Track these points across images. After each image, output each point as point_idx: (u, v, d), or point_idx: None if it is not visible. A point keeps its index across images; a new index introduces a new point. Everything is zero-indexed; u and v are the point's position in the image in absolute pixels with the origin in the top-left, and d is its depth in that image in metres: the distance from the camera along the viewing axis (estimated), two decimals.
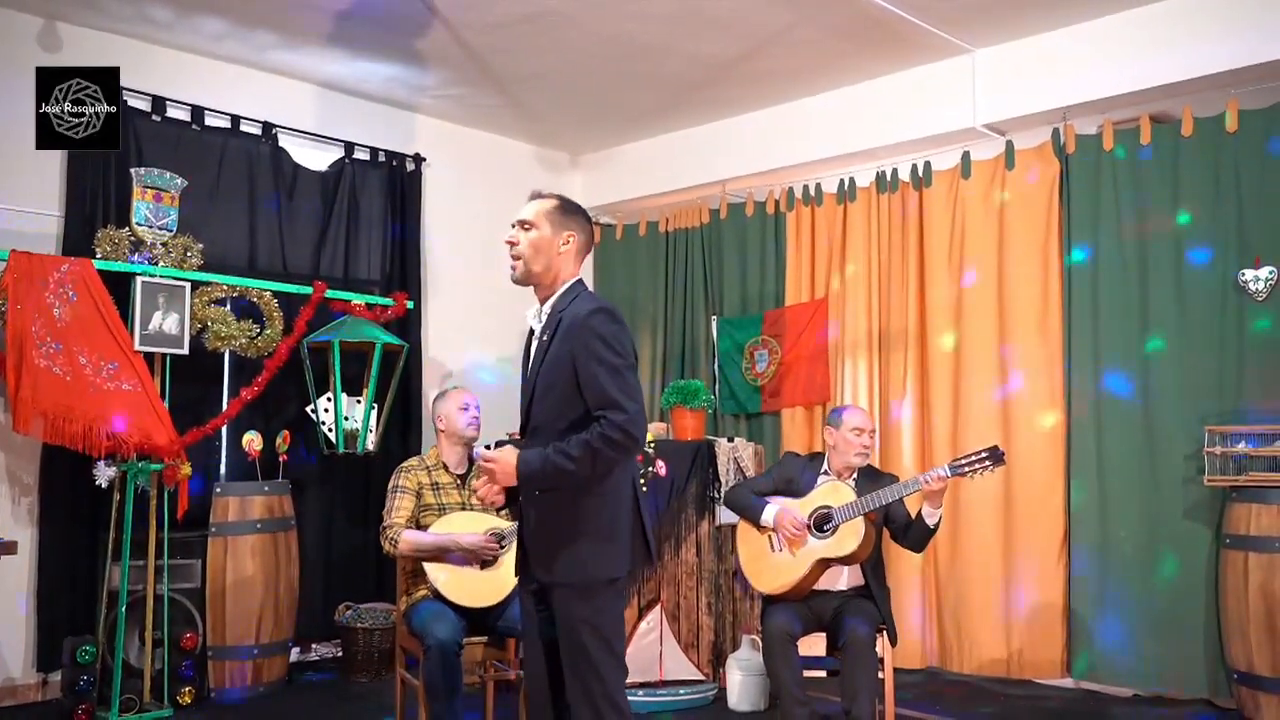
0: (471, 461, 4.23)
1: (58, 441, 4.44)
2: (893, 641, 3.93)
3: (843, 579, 4.03)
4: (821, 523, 3.90)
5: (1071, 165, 5.27)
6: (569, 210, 2.83)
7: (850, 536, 3.85)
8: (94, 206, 5.03)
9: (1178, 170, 4.94)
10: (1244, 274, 4.70)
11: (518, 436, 4.82)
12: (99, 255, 4.71)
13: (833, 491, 3.97)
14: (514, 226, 2.80)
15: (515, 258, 2.79)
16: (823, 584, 3.99)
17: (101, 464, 4.52)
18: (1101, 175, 5.16)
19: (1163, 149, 4.99)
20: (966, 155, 5.63)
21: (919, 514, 3.90)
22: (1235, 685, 4.48)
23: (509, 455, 2.62)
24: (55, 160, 4.98)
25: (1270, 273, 4.64)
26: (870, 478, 4.05)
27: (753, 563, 4.09)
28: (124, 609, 4.56)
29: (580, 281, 2.83)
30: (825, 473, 4.11)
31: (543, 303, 2.81)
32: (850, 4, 4.85)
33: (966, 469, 3.80)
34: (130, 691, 4.52)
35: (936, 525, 3.90)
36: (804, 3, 4.87)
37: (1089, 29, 5.05)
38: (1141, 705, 4.79)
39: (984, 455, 3.78)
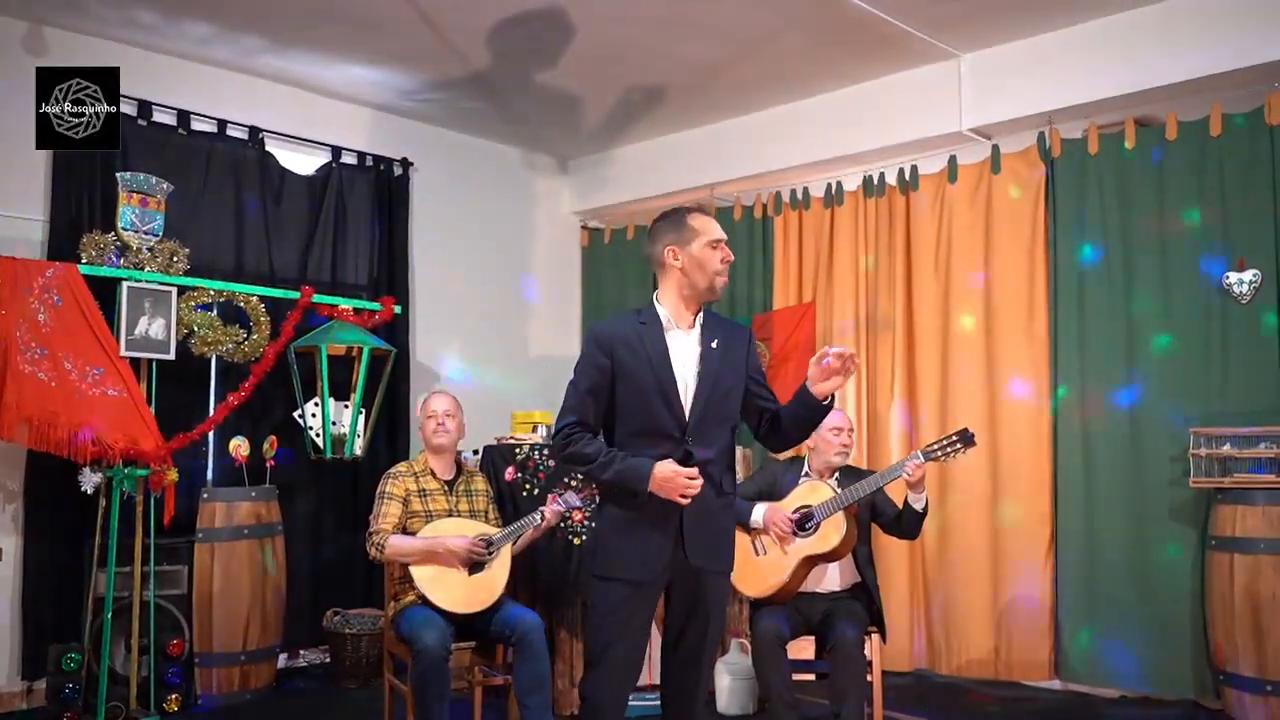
0: (459, 468, 4.22)
1: (42, 448, 4.42)
2: (884, 636, 3.97)
3: (829, 580, 4.05)
4: (803, 521, 3.93)
5: (1057, 169, 5.29)
6: None
7: (833, 532, 3.87)
8: (79, 211, 5.00)
9: (1162, 174, 4.97)
10: (1228, 277, 4.73)
11: (507, 441, 4.83)
12: (84, 260, 4.68)
13: (811, 490, 4.01)
14: (725, 245, 2.97)
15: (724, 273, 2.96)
16: (810, 586, 4.01)
17: (87, 470, 4.50)
18: (1087, 179, 5.19)
19: (1147, 153, 5.02)
20: (953, 159, 5.65)
21: (905, 502, 3.96)
22: (1221, 686, 4.50)
23: None
24: (40, 164, 4.96)
25: (1254, 275, 4.67)
26: (851, 476, 4.08)
27: (738, 568, 4.08)
28: (110, 616, 4.53)
29: None
30: (806, 474, 4.15)
31: (695, 310, 2.96)
32: (837, 9, 4.87)
33: (939, 453, 3.88)
34: (116, 699, 4.49)
35: (925, 509, 3.97)
36: (791, 8, 4.89)
37: (1074, 34, 5.08)
38: (1128, 706, 4.80)
39: (954, 439, 3.88)
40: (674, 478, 2.76)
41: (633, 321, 2.92)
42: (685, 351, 2.88)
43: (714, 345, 2.88)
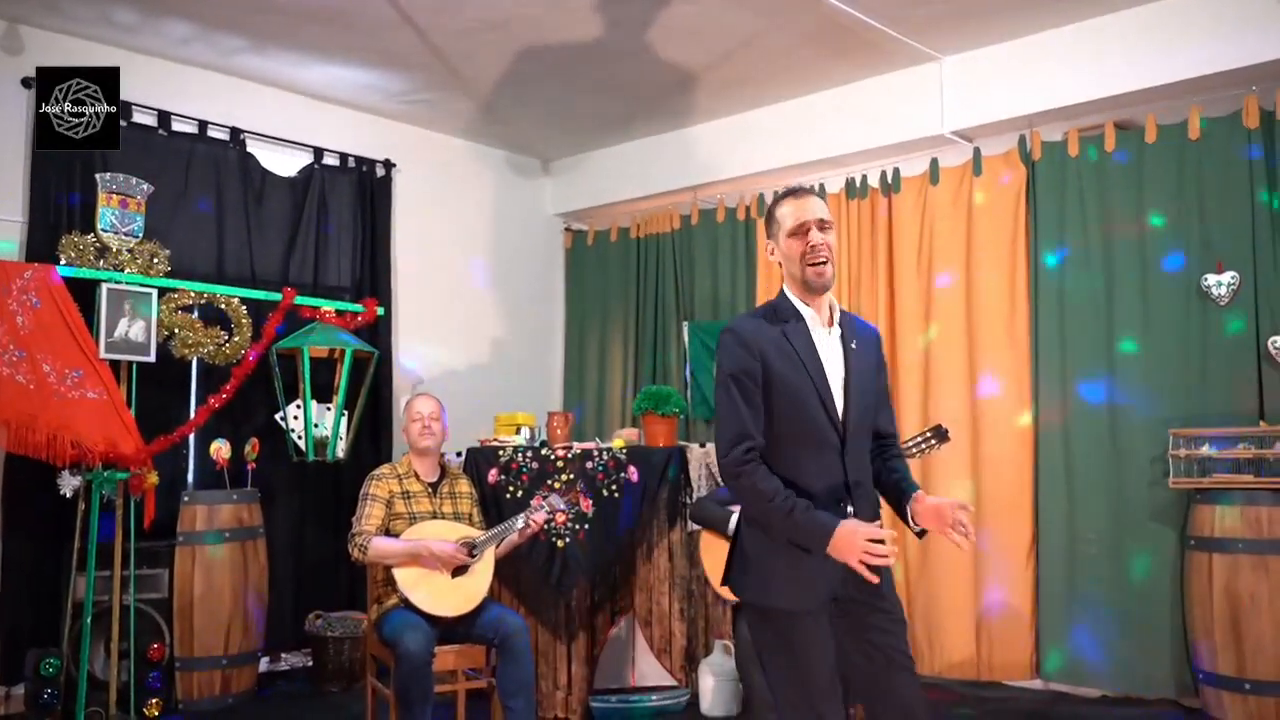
0: (443, 470, 4.21)
1: (21, 451, 4.38)
2: None
3: None
4: None
5: (1038, 172, 5.33)
6: None
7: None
8: (58, 212, 4.96)
9: (1142, 176, 5.01)
10: (1207, 279, 4.77)
11: (490, 443, 4.82)
12: (63, 261, 4.65)
13: None
14: (814, 228, 2.58)
15: (826, 261, 2.58)
16: None
17: (66, 473, 4.47)
18: (1067, 181, 5.22)
19: (1127, 155, 5.06)
20: (935, 162, 5.68)
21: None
22: (1201, 685, 4.53)
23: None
24: (18, 165, 4.92)
25: (1233, 278, 4.71)
26: None
27: (718, 572, 4.11)
28: (89, 620, 4.49)
29: None
30: None
31: (826, 307, 2.64)
32: (819, 11, 4.89)
33: (914, 449, 3.91)
34: (96, 704, 4.46)
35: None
36: (774, 10, 4.90)
37: (1054, 37, 5.11)
38: (1109, 706, 4.83)
39: (929, 435, 3.92)
40: (856, 539, 2.37)
41: (770, 319, 2.60)
42: (831, 351, 2.59)
43: (854, 346, 2.61)
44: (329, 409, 5.46)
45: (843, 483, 2.53)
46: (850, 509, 2.52)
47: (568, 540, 4.53)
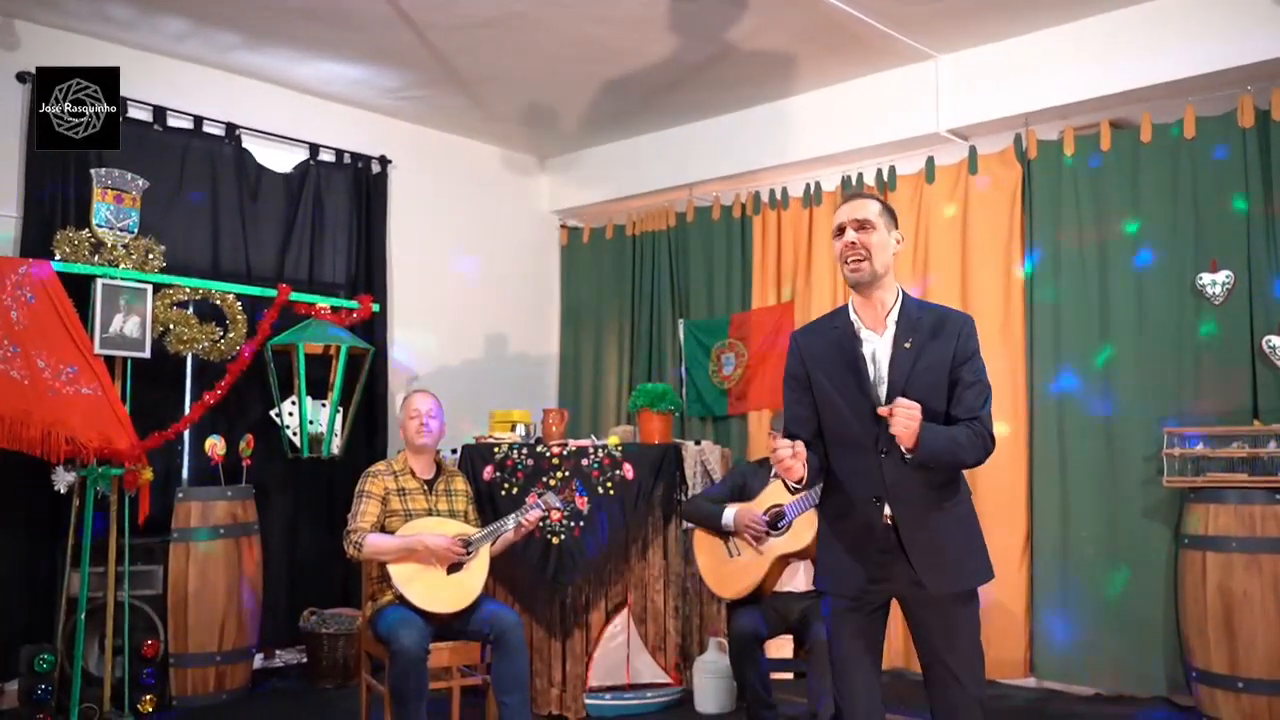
0: (439, 467, 4.21)
1: (15, 447, 4.36)
2: None
3: (804, 579, 4.06)
4: (775, 520, 3.95)
5: (1033, 170, 5.33)
6: (892, 213, 2.79)
7: (806, 529, 3.89)
8: (53, 208, 4.95)
9: (1137, 175, 5.02)
10: (1201, 278, 4.78)
11: (486, 440, 4.82)
12: (58, 257, 4.64)
13: (782, 489, 4.02)
14: (850, 228, 2.71)
15: (860, 259, 2.68)
16: (786, 585, 4.02)
17: (60, 469, 4.46)
18: (1062, 180, 5.23)
19: (1122, 154, 5.06)
20: (930, 160, 5.68)
21: None
22: (1194, 683, 4.54)
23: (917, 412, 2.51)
24: (13, 161, 4.91)
25: (1227, 276, 4.72)
26: None
27: (713, 571, 4.13)
28: (83, 616, 4.49)
29: (902, 288, 2.78)
30: (775, 475, 4.15)
31: (878, 307, 2.71)
32: (815, 9, 4.89)
33: None
34: (90, 700, 4.45)
35: None
36: (769, 8, 4.90)
37: (1050, 36, 5.12)
38: (1102, 704, 4.85)
39: None
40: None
41: (828, 325, 2.79)
42: (880, 355, 2.68)
43: (908, 345, 2.65)
44: (324, 405, 5.46)
45: (879, 483, 2.63)
46: (886, 509, 2.63)
47: (563, 537, 4.53)
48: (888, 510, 2.64)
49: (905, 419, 2.49)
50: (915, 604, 2.72)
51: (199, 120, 5.53)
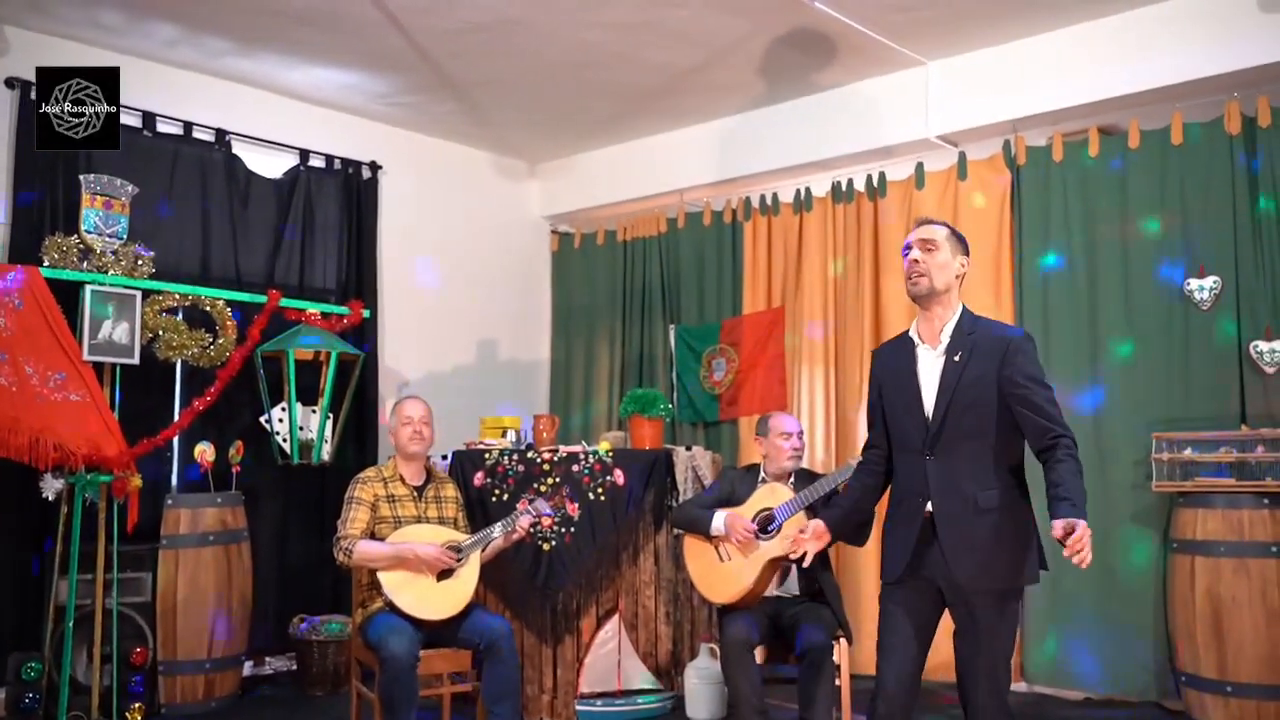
0: (429, 474, 4.20)
1: (2, 454, 4.34)
2: (849, 639, 3.99)
3: (794, 583, 4.06)
4: (765, 524, 3.96)
5: (1023, 176, 5.36)
6: (961, 240, 3.03)
7: (795, 532, 3.88)
8: (41, 214, 4.93)
9: (1125, 182, 5.04)
10: (1189, 283, 4.80)
11: (476, 447, 4.81)
12: (46, 263, 4.62)
13: (770, 493, 4.03)
14: (916, 248, 2.96)
15: (920, 274, 2.93)
16: (776, 590, 4.03)
17: (49, 476, 4.44)
18: (1051, 186, 5.25)
19: (1110, 161, 5.09)
20: (920, 166, 5.70)
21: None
22: (1183, 687, 4.56)
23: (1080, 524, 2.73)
24: (1, 167, 4.89)
25: (1214, 282, 4.74)
26: (807, 479, 4.10)
27: (704, 576, 4.13)
28: (71, 624, 4.47)
29: (967, 308, 3.00)
30: (763, 480, 4.18)
31: (935, 322, 2.96)
32: (805, 16, 4.90)
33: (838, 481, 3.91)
34: (78, 709, 4.43)
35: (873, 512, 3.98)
36: (760, 14, 4.91)
37: (1039, 42, 5.14)
38: (1092, 708, 4.86)
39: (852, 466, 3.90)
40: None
41: (900, 341, 3.07)
42: (932, 369, 2.94)
43: (956, 359, 2.89)
44: (314, 412, 5.44)
45: (923, 482, 2.89)
46: (928, 505, 2.88)
47: (554, 543, 4.53)
48: (929, 507, 2.88)
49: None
50: (952, 599, 2.91)
51: (189, 126, 5.52)
